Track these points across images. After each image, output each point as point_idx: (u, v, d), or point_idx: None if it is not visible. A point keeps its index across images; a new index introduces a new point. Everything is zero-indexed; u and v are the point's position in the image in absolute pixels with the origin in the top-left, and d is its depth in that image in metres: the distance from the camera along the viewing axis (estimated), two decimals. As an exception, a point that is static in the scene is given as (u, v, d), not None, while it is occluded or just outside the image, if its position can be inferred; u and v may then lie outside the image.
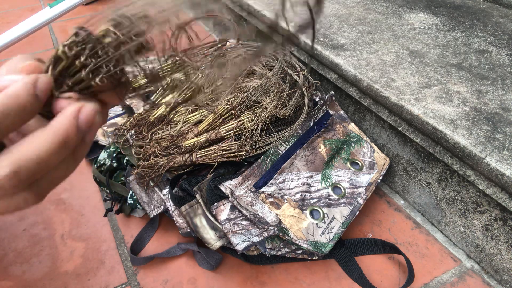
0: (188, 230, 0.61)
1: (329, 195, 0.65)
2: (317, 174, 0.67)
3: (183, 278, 0.63)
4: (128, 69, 0.22)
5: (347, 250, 0.65)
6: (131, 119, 0.72)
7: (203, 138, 0.64)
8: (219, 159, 0.61)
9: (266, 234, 0.56)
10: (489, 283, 0.62)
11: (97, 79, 0.21)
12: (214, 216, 0.58)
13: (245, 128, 0.63)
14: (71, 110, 0.21)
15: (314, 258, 0.62)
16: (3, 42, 0.99)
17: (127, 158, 0.70)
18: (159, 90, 0.76)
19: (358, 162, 0.71)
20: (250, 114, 0.64)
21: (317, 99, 0.77)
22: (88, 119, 0.22)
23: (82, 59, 0.21)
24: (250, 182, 0.61)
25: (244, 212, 0.57)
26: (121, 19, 0.21)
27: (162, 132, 0.68)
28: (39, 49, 1.32)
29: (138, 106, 0.79)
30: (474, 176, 0.59)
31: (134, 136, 0.69)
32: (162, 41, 0.21)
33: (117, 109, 0.84)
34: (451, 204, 0.66)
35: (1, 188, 0.20)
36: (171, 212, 0.62)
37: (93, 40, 0.21)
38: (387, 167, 0.73)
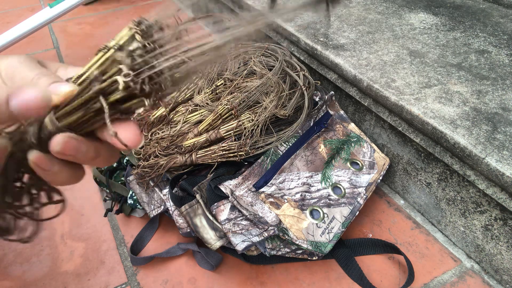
0: (188, 230, 0.61)
1: (329, 195, 0.65)
2: (317, 174, 0.67)
3: (183, 278, 0.63)
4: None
5: (347, 250, 0.65)
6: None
7: (203, 138, 0.64)
8: (219, 159, 0.61)
9: (266, 234, 0.56)
10: (489, 283, 0.62)
11: (161, 103, 0.21)
12: (214, 216, 0.58)
13: (245, 128, 0.63)
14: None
15: (314, 258, 0.62)
16: (3, 42, 0.99)
17: (127, 158, 0.70)
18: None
19: (358, 162, 0.71)
20: (250, 114, 0.64)
21: (317, 99, 0.77)
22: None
23: (146, 89, 0.20)
24: (250, 182, 0.61)
25: (244, 212, 0.57)
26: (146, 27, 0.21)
27: (162, 132, 0.68)
28: (39, 49, 1.32)
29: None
30: (474, 176, 0.59)
31: (134, 136, 0.69)
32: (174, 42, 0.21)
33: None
34: (451, 204, 0.66)
35: None
36: (171, 212, 0.62)
37: (152, 69, 0.20)
38: (387, 167, 0.73)
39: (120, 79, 0.20)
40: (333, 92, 0.78)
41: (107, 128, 0.21)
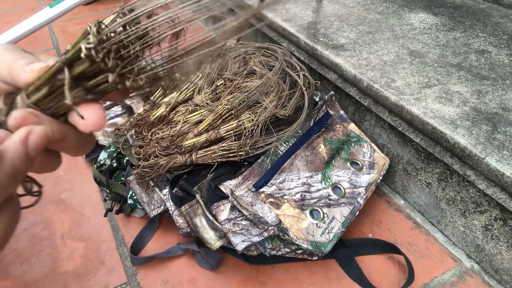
0: (188, 230, 0.61)
1: (329, 195, 0.65)
2: (317, 174, 0.67)
3: (183, 278, 0.63)
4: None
5: (347, 250, 0.65)
6: (131, 119, 0.72)
7: (203, 138, 0.64)
8: (219, 159, 0.61)
9: (266, 234, 0.56)
10: (489, 283, 0.62)
11: (128, 83, 0.20)
12: (214, 216, 0.58)
13: (245, 128, 0.63)
14: (19, 136, 0.19)
15: (314, 258, 0.62)
16: (3, 42, 0.99)
17: (127, 158, 0.70)
18: (159, 90, 0.76)
19: (358, 162, 0.71)
20: (250, 114, 0.64)
21: (317, 99, 0.77)
22: (38, 143, 0.20)
23: (109, 63, 0.19)
24: (250, 182, 0.61)
25: (244, 212, 0.57)
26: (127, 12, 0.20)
27: (162, 132, 0.68)
28: (39, 49, 1.32)
29: (138, 106, 0.79)
30: (474, 176, 0.59)
31: (134, 136, 0.69)
32: (164, 40, 0.21)
33: (117, 109, 0.84)
34: (451, 204, 0.66)
35: None
36: (171, 212, 0.62)
37: (117, 38, 0.19)
38: (387, 167, 0.73)
39: (83, 45, 0.19)
40: (333, 92, 0.78)
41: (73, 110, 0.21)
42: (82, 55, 0.19)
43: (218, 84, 0.73)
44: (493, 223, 0.60)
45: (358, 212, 0.65)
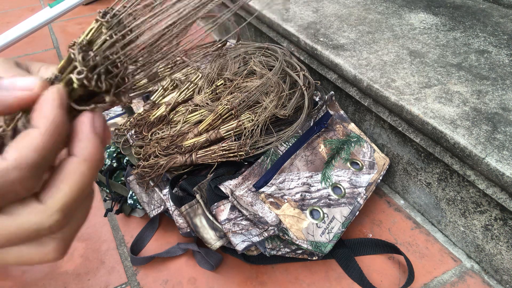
0: (188, 230, 0.61)
1: (329, 195, 0.65)
2: (317, 174, 0.67)
3: (183, 278, 0.63)
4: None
5: (347, 250, 0.65)
6: (131, 119, 0.72)
7: (203, 138, 0.64)
8: (219, 159, 0.61)
9: (266, 234, 0.56)
10: (489, 283, 0.62)
11: (124, 98, 0.20)
12: (214, 216, 0.58)
13: (245, 128, 0.63)
14: (90, 128, 0.20)
15: (314, 258, 0.62)
16: (3, 42, 0.99)
17: (127, 158, 0.70)
18: (159, 90, 0.76)
19: (358, 162, 0.71)
20: (250, 114, 0.64)
21: (317, 99, 0.77)
22: (102, 126, 0.20)
23: (103, 86, 0.19)
24: (250, 182, 0.61)
25: (244, 212, 0.57)
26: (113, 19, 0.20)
27: (162, 132, 0.68)
28: (39, 49, 1.32)
29: (138, 106, 0.79)
30: (474, 176, 0.59)
31: (134, 136, 0.69)
32: (162, 41, 0.21)
33: (117, 109, 0.84)
34: (451, 204, 0.66)
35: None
36: (171, 212, 0.62)
37: (106, 60, 0.20)
38: (387, 167, 0.73)
39: (74, 77, 0.19)
40: (333, 92, 0.78)
41: None
42: (75, 85, 0.20)
43: (218, 84, 0.73)
44: (493, 223, 0.60)
45: (358, 212, 0.65)
